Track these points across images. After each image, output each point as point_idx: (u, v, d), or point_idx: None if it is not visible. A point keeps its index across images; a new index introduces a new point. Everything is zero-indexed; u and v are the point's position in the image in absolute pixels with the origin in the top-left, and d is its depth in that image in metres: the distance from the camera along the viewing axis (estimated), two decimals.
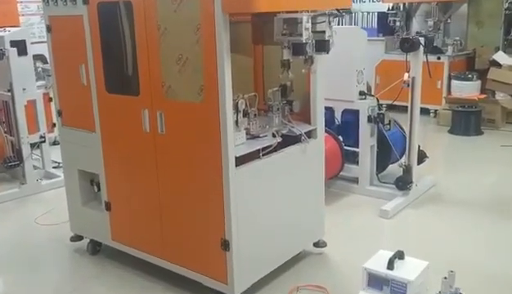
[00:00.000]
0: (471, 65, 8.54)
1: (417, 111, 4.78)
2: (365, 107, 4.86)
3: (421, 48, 4.58)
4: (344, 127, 5.18)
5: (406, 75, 4.67)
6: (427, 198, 4.99)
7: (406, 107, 4.81)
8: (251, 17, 3.46)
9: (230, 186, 2.95)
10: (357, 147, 5.03)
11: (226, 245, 3.03)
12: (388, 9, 8.87)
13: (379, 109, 4.88)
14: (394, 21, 8.74)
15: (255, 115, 3.28)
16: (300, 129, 3.44)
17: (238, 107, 3.09)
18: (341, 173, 5.12)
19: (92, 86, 3.51)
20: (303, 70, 3.27)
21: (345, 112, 5.14)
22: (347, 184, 5.20)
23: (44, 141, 5.61)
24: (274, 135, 3.29)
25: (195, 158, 3.08)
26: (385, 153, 5.09)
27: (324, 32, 3.13)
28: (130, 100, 3.33)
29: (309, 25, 3.03)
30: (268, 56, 3.68)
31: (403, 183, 4.76)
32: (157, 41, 3.06)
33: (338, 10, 3.23)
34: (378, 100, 4.95)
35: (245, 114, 3.18)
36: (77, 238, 4.07)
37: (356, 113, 4.95)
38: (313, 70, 3.36)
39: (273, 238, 3.36)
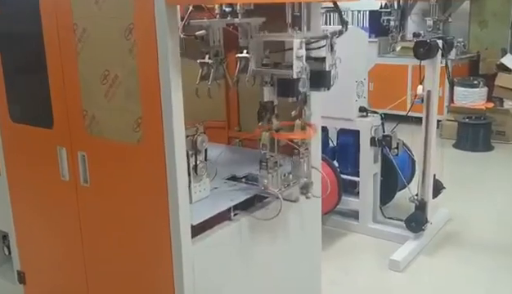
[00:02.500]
0: (475, 70, 7.68)
1: (433, 132, 3.83)
2: (367, 127, 3.90)
3: (439, 54, 3.63)
4: (341, 151, 4.21)
5: (420, 88, 3.71)
6: (444, 239, 4.05)
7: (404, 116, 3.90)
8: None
9: (183, 268, 1.94)
10: (357, 175, 4.07)
11: None
12: (381, 7, 8.11)
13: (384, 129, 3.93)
14: (388, 20, 8.14)
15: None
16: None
17: (197, 146, 2.09)
18: (338, 206, 4.15)
19: None
20: (293, 113, 2.24)
21: (342, 132, 4.17)
22: (344, 221, 4.24)
23: None
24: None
25: (133, 224, 2.06)
26: (391, 183, 4.14)
27: (324, 59, 2.14)
28: (42, 134, 2.30)
29: (303, 52, 2.03)
30: None
31: (417, 224, 3.78)
32: (74, 48, 2.04)
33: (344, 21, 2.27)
34: (382, 118, 3.98)
35: None
36: None
37: (355, 133, 4.00)
38: (307, 114, 2.33)
39: None
